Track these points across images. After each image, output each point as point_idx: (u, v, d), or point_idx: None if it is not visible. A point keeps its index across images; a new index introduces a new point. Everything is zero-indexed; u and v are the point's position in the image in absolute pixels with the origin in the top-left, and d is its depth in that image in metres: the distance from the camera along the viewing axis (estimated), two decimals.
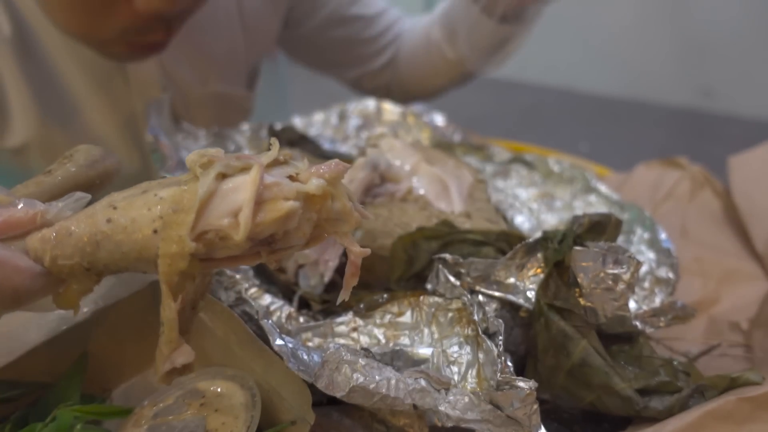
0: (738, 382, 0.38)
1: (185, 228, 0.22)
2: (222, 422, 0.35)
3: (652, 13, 2.42)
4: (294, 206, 0.23)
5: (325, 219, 0.24)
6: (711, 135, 2.26)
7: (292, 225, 0.23)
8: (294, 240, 0.24)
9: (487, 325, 0.38)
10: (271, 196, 0.23)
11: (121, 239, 0.23)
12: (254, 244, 0.24)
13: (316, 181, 0.24)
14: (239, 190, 0.23)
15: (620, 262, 0.40)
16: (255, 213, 0.23)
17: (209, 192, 0.23)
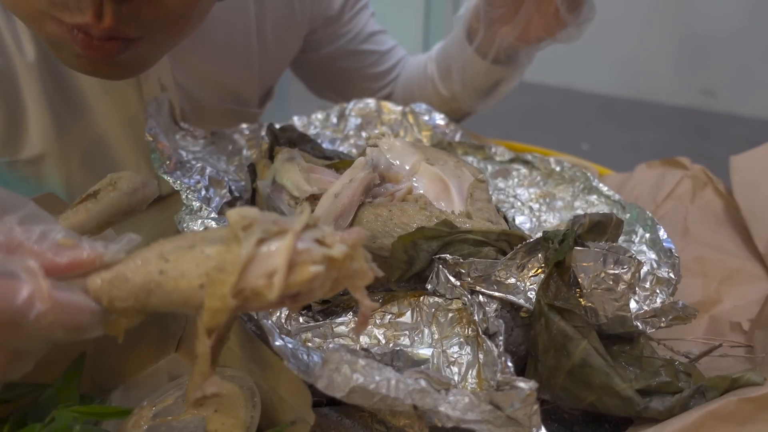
0: (739, 383, 0.37)
1: (228, 287, 0.26)
2: (221, 423, 0.35)
3: (653, 13, 2.42)
4: (320, 270, 0.26)
5: (344, 276, 0.27)
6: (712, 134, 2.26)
7: (317, 285, 0.26)
8: (316, 295, 0.27)
9: (488, 326, 0.38)
10: (301, 261, 0.26)
11: (171, 290, 0.27)
12: (282, 299, 0.27)
13: (340, 247, 0.27)
14: (275, 256, 0.26)
15: (621, 262, 0.40)
16: (287, 275, 0.26)
17: (250, 256, 0.26)
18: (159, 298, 0.27)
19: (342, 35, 0.79)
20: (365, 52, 0.80)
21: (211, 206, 0.50)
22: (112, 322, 0.28)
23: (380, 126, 0.69)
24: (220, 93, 0.70)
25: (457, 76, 0.71)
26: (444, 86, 0.73)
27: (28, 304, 0.23)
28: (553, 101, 2.55)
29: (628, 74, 2.55)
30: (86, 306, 0.26)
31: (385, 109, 0.70)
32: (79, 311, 0.25)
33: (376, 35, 0.81)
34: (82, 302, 0.26)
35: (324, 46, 0.79)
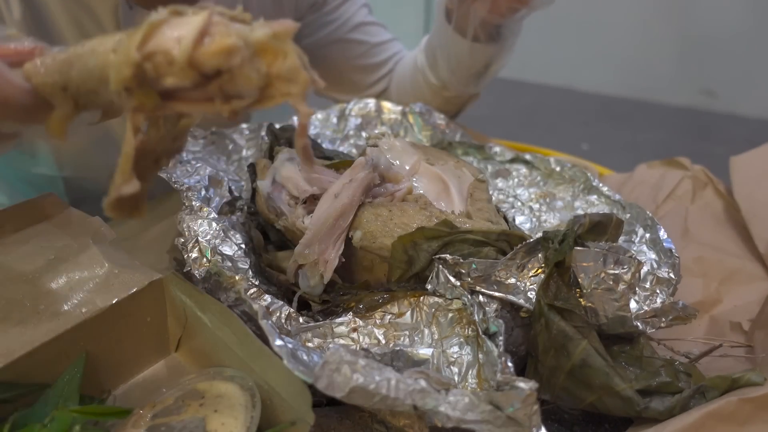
0: (739, 383, 0.37)
1: (134, 43, 0.26)
2: (221, 423, 0.35)
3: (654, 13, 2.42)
4: (236, 42, 0.25)
5: (276, 76, 0.26)
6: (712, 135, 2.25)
7: (236, 62, 0.25)
8: (243, 87, 0.26)
9: (488, 326, 0.38)
10: (217, 31, 0.25)
11: (88, 58, 0.27)
12: (203, 82, 0.26)
13: (263, 29, 0.26)
14: (188, 23, 0.26)
15: (621, 262, 0.40)
16: (198, 41, 0.25)
17: (160, 20, 0.26)
18: (78, 70, 0.27)
19: (328, 23, 0.78)
20: (352, 42, 0.79)
21: (211, 206, 0.50)
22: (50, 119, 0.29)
23: (380, 126, 0.69)
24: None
25: (443, 62, 0.70)
26: (433, 74, 0.72)
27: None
28: (553, 101, 2.55)
29: (628, 74, 2.55)
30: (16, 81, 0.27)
31: (385, 109, 0.70)
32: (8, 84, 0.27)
33: (366, 26, 0.80)
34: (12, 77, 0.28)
35: (310, 34, 0.78)
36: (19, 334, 0.37)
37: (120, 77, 0.26)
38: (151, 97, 0.26)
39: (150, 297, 0.42)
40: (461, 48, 0.67)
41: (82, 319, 0.39)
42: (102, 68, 0.27)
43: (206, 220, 0.46)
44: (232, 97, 0.26)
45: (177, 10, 0.26)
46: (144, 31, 0.26)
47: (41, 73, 0.28)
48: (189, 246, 0.45)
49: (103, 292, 0.41)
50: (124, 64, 0.25)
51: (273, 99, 0.27)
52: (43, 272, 0.42)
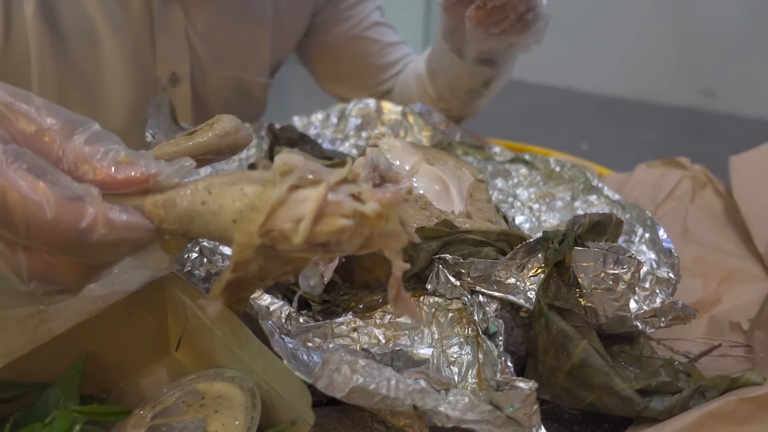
0: (739, 383, 0.37)
1: (256, 226, 0.27)
2: (222, 423, 0.35)
3: (653, 13, 2.42)
4: (348, 224, 0.27)
5: (378, 235, 0.28)
6: (712, 135, 2.26)
7: (345, 238, 0.27)
8: (346, 248, 0.28)
9: (488, 326, 0.38)
10: (331, 212, 0.27)
11: (209, 220, 0.29)
12: (310, 247, 0.28)
13: (373, 205, 0.28)
14: (305, 202, 0.27)
15: (621, 262, 0.40)
16: (314, 223, 0.27)
17: (280, 200, 0.27)
18: (199, 227, 0.29)
19: (345, 19, 0.79)
20: (369, 40, 0.81)
21: None
22: (165, 241, 0.31)
23: (380, 126, 0.69)
24: (230, 56, 0.70)
25: (442, 79, 0.71)
26: (432, 86, 0.74)
27: (91, 227, 0.27)
28: (553, 101, 2.55)
29: (628, 74, 2.55)
30: (142, 225, 0.29)
31: (385, 109, 0.70)
32: (136, 230, 0.29)
33: (380, 26, 0.82)
34: (138, 222, 0.29)
35: (328, 29, 0.80)
36: (19, 334, 0.37)
37: (241, 257, 0.28)
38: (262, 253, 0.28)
39: (150, 297, 0.42)
40: (459, 68, 0.68)
41: (82, 319, 0.39)
42: (221, 232, 0.28)
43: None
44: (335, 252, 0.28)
45: (296, 183, 0.28)
46: (267, 213, 0.27)
47: (163, 218, 0.29)
48: (189, 246, 0.45)
49: (103, 292, 0.41)
50: (247, 247, 0.28)
51: (371, 248, 0.29)
52: None
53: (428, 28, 2.44)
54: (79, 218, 0.26)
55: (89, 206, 0.27)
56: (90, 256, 0.28)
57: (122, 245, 0.28)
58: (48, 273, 0.28)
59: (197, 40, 0.66)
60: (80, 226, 0.26)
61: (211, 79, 0.70)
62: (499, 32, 0.55)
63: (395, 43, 0.83)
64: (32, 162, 0.27)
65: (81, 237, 0.26)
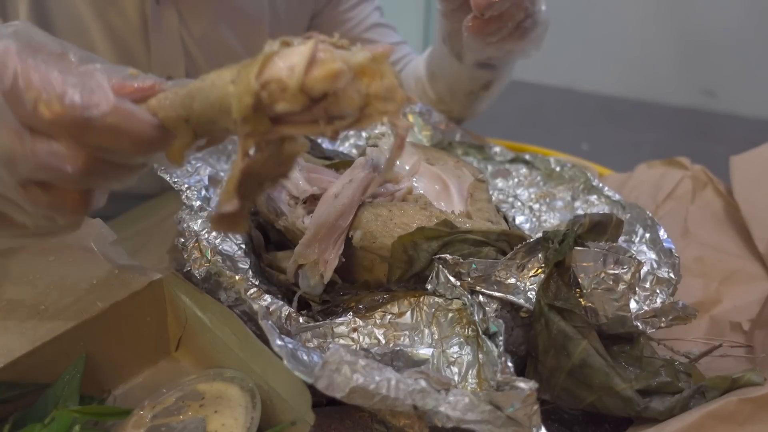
0: (739, 383, 0.37)
1: (252, 74, 0.28)
2: (222, 423, 0.35)
3: (654, 13, 2.42)
4: (342, 67, 0.27)
5: (375, 95, 0.28)
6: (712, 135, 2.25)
7: (341, 85, 0.28)
8: (345, 107, 0.28)
9: (488, 326, 0.38)
10: (323, 58, 0.28)
11: (209, 92, 0.29)
12: (310, 105, 0.28)
13: (363, 53, 0.28)
14: (296, 51, 0.28)
15: (621, 262, 0.40)
16: (309, 68, 0.27)
17: (273, 51, 0.28)
18: (200, 102, 0.30)
19: (344, 21, 0.79)
20: (367, 41, 0.81)
21: (211, 206, 0.50)
22: (171, 147, 0.32)
23: (380, 126, 0.69)
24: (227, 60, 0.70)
25: (442, 81, 0.71)
26: (432, 89, 0.73)
27: (95, 103, 0.28)
28: (553, 101, 2.55)
29: (628, 74, 2.55)
30: (143, 116, 0.30)
31: None
32: (138, 120, 0.30)
33: (380, 27, 0.82)
34: (140, 113, 0.30)
35: (327, 31, 0.80)
36: (19, 334, 0.37)
37: (242, 105, 0.28)
38: (264, 123, 0.29)
39: (150, 297, 0.42)
40: (458, 71, 0.67)
41: (82, 319, 0.39)
42: (222, 99, 0.29)
43: (206, 220, 0.46)
44: (334, 118, 0.29)
45: (286, 40, 0.29)
46: (260, 62, 0.28)
47: (166, 106, 0.30)
48: (189, 246, 0.45)
49: (103, 292, 0.41)
50: (245, 93, 0.28)
51: (371, 117, 0.29)
52: (44, 273, 0.42)
53: (428, 28, 2.44)
54: (85, 94, 0.28)
55: (96, 87, 0.29)
56: (92, 139, 0.29)
57: (124, 135, 0.29)
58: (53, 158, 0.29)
59: (193, 44, 0.66)
60: (85, 101, 0.28)
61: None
62: (497, 41, 0.54)
63: (395, 44, 0.82)
64: (48, 58, 0.29)
65: (85, 112, 0.28)
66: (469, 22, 0.53)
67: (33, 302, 0.40)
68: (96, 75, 0.30)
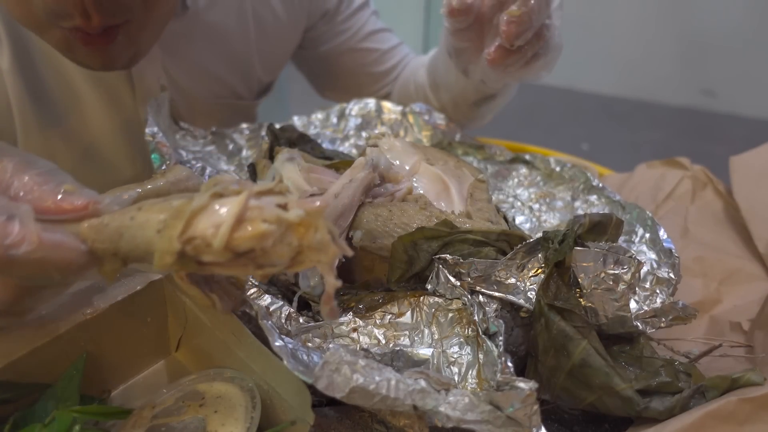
0: (739, 383, 0.37)
1: (176, 231, 0.28)
2: (222, 423, 0.35)
3: (654, 13, 2.42)
4: (269, 228, 0.27)
5: (307, 247, 0.28)
6: (712, 135, 2.25)
7: (268, 244, 0.27)
8: (274, 259, 0.28)
9: (488, 326, 0.38)
10: (252, 216, 0.27)
11: (136, 233, 0.29)
12: (237, 257, 0.28)
13: (296, 211, 0.28)
14: (225, 208, 0.28)
15: (621, 262, 0.40)
16: (235, 228, 0.27)
17: (201, 206, 0.28)
18: (127, 242, 0.30)
19: (341, 32, 0.79)
20: (366, 50, 0.80)
21: None
22: (101, 269, 0.31)
23: (380, 126, 0.69)
24: (214, 86, 0.70)
25: (445, 93, 0.70)
26: (434, 97, 0.73)
27: (17, 242, 0.28)
28: (553, 101, 2.55)
29: (628, 74, 2.55)
30: (72, 245, 0.30)
31: (385, 109, 0.70)
32: (66, 250, 0.30)
33: (377, 33, 0.81)
34: (69, 242, 0.30)
35: (324, 43, 0.79)
36: (19, 335, 0.37)
37: (162, 263, 0.28)
38: (191, 266, 0.29)
39: (150, 297, 0.42)
40: (463, 84, 0.67)
41: (82, 319, 0.39)
42: (147, 245, 0.29)
43: None
44: (264, 266, 0.29)
45: (217, 192, 0.29)
46: (185, 220, 0.28)
47: (95, 238, 0.30)
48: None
49: (103, 292, 0.41)
50: (167, 253, 0.28)
51: (303, 264, 0.29)
52: None
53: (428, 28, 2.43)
54: (6, 233, 0.27)
55: (18, 223, 0.28)
56: (18, 273, 0.29)
57: (50, 264, 0.29)
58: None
59: (178, 74, 0.66)
60: (6, 240, 0.27)
61: (196, 104, 0.69)
62: (515, 70, 0.54)
63: (393, 48, 0.82)
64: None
65: (7, 251, 0.27)
66: (491, 54, 0.52)
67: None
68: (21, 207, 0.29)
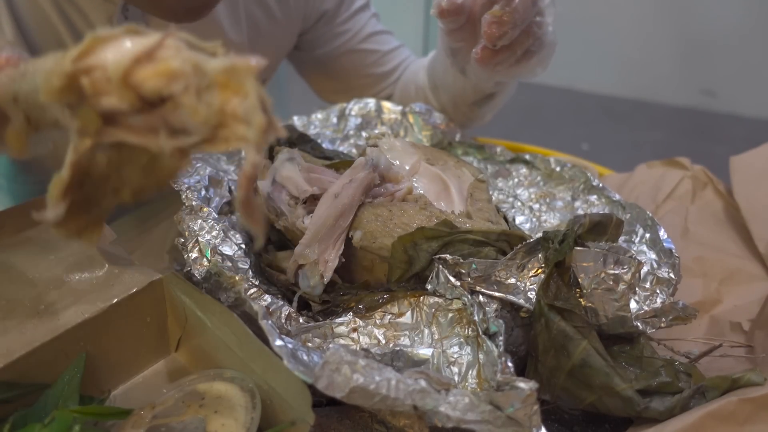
0: (739, 383, 0.37)
1: (70, 55, 0.24)
2: (222, 423, 0.35)
3: (654, 13, 2.42)
4: (179, 67, 0.23)
5: (231, 115, 0.23)
6: (712, 135, 2.25)
7: (178, 88, 0.23)
8: (189, 120, 0.24)
9: (488, 326, 0.38)
10: (165, 56, 0.23)
11: (38, 69, 0.25)
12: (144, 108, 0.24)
13: (220, 60, 0.23)
14: (137, 42, 0.23)
15: (621, 262, 0.40)
16: (140, 61, 0.23)
17: (108, 35, 0.24)
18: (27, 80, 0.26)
19: (340, 34, 0.79)
20: (364, 52, 0.80)
21: (211, 206, 0.50)
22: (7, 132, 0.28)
23: (380, 126, 0.69)
24: None
25: (445, 93, 0.70)
26: (434, 98, 0.73)
27: None
28: (553, 101, 2.55)
29: (628, 74, 2.55)
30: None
31: (385, 109, 0.70)
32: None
33: (377, 35, 0.81)
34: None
35: (323, 45, 0.79)
36: (19, 335, 0.37)
37: (48, 86, 0.24)
38: (93, 119, 0.24)
39: (150, 297, 0.42)
40: (462, 84, 0.66)
41: (82, 319, 0.39)
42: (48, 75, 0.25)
43: (206, 220, 0.46)
44: (178, 132, 0.24)
45: (135, 28, 0.24)
46: (85, 44, 0.24)
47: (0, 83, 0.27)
48: (189, 246, 0.45)
49: (103, 292, 0.41)
50: (55, 74, 0.24)
51: (227, 141, 0.24)
52: (44, 273, 0.42)
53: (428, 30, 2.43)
54: None
55: None
56: None
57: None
58: None
59: None
60: None
61: None
62: (505, 68, 0.53)
63: (393, 50, 0.81)
64: None
65: None
66: (477, 53, 0.51)
67: (32, 302, 0.40)
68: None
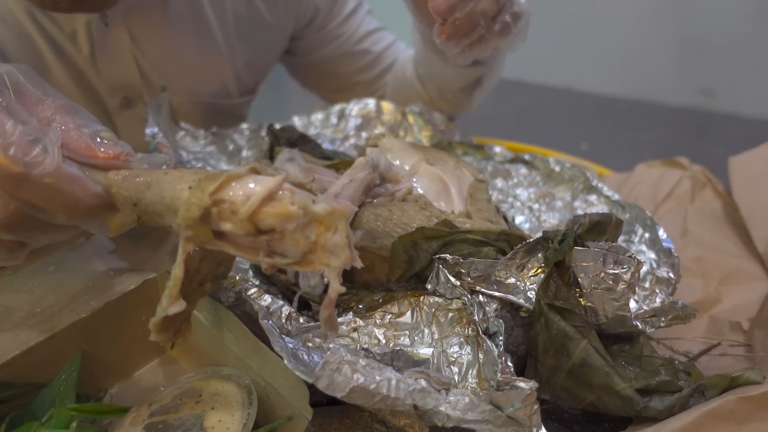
0: (738, 382, 0.37)
1: (210, 188, 0.28)
2: (218, 420, 0.35)
3: (653, 13, 2.42)
4: (296, 212, 0.28)
5: (322, 246, 0.29)
6: (711, 135, 2.26)
7: (289, 227, 0.28)
8: (288, 247, 0.28)
9: (488, 326, 0.38)
10: (282, 197, 0.28)
11: (166, 187, 0.30)
12: (254, 233, 0.28)
13: (323, 205, 0.28)
14: (261, 182, 0.28)
15: (621, 262, 0.40)
16: (264, 202, 0.28)
17: (237, 174, 0.29)
18: (153, 194, 0.30)
19: (335, 38, 0.78)
20: (358, 53, 0.80)
21: None
22: (110, 218, 0.32)
23: (380, 126, 0.69)
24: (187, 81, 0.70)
25: (430, 82, 0.70)
26: (423, 89, 0.72)
27: (37, 162, 0.29)
28: (553, 101, 2.55)
29: (628, 74, 2.55)
30: (88, 184, 0.30)
31: (385, 109, 0.70)
32: (80, 186, 0.30)
33: (371, 35, 0.80)
34: (85, 180, 0.30)
35: (318, 49, 0.79)
36: (14, 335, 0.37)
37: (188, 215, 0.29)
38: (207, 233, 0.29)
39: (144, 296, 0.42)
40: (445, 70, 0.65)
41: (77, 318, 0.39)
42: (174, 199, 0.29)
43: None
44: (275, 254, 0.29)
45: (256, 168, 0.29)
46: (221, 180, 0.28)
47: (121, 185, 0.31)
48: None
49: (98, 292, 0.41)
50: (195, 205, 0.28)
51: (312, 265, 0.29)
52: (43, 282, 0.42)
53: None
54: (28, 150, 0.28)
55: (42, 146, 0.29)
56: (26, 194, 0.29)
57: (59, 195, 0.30)
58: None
59: (147, 66, 0.65)
60: (26, 157, 0.28)
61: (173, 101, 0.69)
62: (473, 41, 0.50)
63: (387, 47, 0.81)
64: (10, 102, 0.29)
65: (26, 168, 0.28)
66: (437, 29, 0.49)
67: (29, 307, 0.40)
68: (50, 134, 0.30)
